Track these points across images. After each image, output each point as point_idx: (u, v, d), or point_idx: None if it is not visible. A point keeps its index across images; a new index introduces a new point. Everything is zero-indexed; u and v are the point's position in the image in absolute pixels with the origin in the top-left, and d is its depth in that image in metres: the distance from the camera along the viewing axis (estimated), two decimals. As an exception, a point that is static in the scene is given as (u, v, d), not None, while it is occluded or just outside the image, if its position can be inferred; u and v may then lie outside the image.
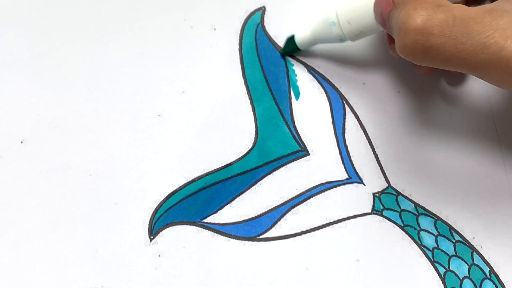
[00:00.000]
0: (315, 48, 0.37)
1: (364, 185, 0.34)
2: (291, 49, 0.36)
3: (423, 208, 0.33)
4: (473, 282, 0.32)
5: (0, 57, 0.36)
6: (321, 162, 0.34)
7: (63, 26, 0.37)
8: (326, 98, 0.36)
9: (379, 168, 0.34)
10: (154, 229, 0.33)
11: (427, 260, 0.32)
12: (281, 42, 0.37)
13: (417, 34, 0.25)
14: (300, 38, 0.35)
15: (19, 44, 0.36)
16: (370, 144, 0.35)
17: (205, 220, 0.33)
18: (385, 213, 0.33)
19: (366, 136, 0.35)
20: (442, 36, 0.25)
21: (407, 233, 0.33)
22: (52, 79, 0.36)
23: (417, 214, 0.33)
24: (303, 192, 0.34)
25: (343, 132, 0.35)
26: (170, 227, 0.33)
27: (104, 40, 0.37)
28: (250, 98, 0.36)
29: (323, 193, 0.34)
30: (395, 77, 0.37)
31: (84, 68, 0.36)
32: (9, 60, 0.36)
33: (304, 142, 0.35)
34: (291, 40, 0.36)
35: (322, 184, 0.34)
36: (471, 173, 0.34)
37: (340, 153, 0.34)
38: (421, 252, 0.32)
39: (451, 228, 0.33)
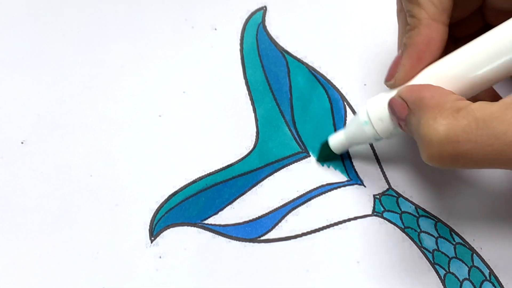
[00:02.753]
0: (315, 50, 0.37)
1: (365, 187, 0.34)
2: (326, 154, 0.34)
3: (424, 210, 0.33)
4: (473, 284, 0.32)
5: (0, 57, 0.36)
6: (322, 163, 0.34)
7: (63, 26, 0.37)
8: (327, 99, 0.36)
9: (379, 170, 0.34)
10: (155, 231, 0.33)
11: (427, 262, 0.32)
12: (282, 42, 0.37)
13: (442, 144, 0.25)
14: (335, 143, 0.33)
15: (19, 44, 0.36)
16: (370, 146, 0.35)
17: (206, 222, 0.33)
18: (385, 215, 0.33)
19: (367, 138, 0.35)
20: (468, 142, 0.24)
21: (407, 235, 0.33)
22: (52, 79, 0.36)
23: (417, 216, 0.33)
24: (303, 193, 0.34)
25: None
26: (171, 229, 0.33)
27: (104, 40, 0.37)
28: (251, 99, 0.36)
29: (323, 195, 0.34)
30: (396, 78, 0.37)
31: (84, 68, 0.36)
32: (9, 60, 0.36)
33: (305, 143, 0.35)
34: (325, 146, 0.33)
35: (322, 185, 0.34)
36: (472, 175, 0.34)
37: (341, 155, 0.34)
38: (421, 254, 0.32)
39: (451, 230, 0.33)
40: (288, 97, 0.36)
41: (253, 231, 0.33)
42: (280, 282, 0.32)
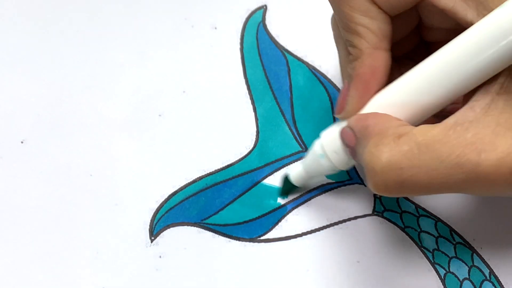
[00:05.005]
0: (315, 48, 0.36)
1: (365, 186, 0.34)
2: (289, 188, 0.33)
3: (424, 209, 0.33)
4: (473, 283, 0.32)
5: (0, 57, 0.36)
6: (322, 163, 0.34)
7: (63, 26, 0.37)
8: (327, 98, 0.36)
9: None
10: (155, 230, 0.33)
11: (428, 262, 0.32)
12: (282, 41, 0.37)
13: (385, 172, 0.24)
14: (295, 177, 0.32)
15: (19, 44, 0.36)
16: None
17: (206, 221, 0.33)
18: (386, 214, 0.33)
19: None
20: (411, 168, 0.24)
21: (407, 234, 0.33)
22: (52, 78, 0.36)
23: (417, 215, 0.33)
24: (304, 193, 0.34)
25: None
26: (171, 228, 0.33)
27: (104, 39, 0.37)
28: (251, 98, 0.36)
29: (324, 194, 0.34)
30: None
31: (84, 68, 0.36)
32: (9, 60, 0.36)
33: (305, 143, 0.35)
34: (286, 180, 0.33)
35: (323, 185, 0.34)
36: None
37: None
38: (421, 253, 0.32)
39: (451, 230, 0.33)
40: (289, 96, 0.36)
41: (253, 231, 0.33)
42: (280, 282, 0.32)
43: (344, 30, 0.28)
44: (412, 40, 0.31)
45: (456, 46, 0.25)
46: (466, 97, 0.26)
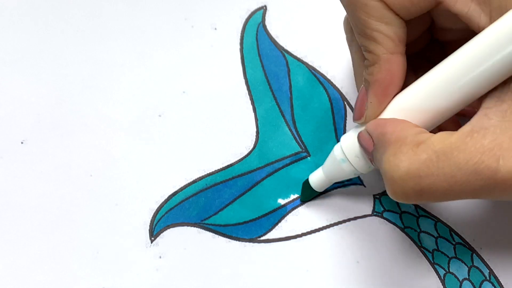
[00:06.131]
0: (315, 49, 0.36)
1: (365, 186, 0.34)
2: (309, 193, 0.33)
3: (424, 209, 0.33)
4: (472, 284, 0.32)
5: (0, 57, 0.36)
6: (322, 163, 0.34)
7: (63, 26, 0.37)
8: (327, 99, 0.36)
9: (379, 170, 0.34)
10: (155, 231, 0.33)
11: (427, 262, 0.32)
12: (282, 42, 0.37)
13: (404, 181, 0.24)
14: (315, 182, 0.32)
15: (19, 44, 0.36)
16: (371, 146, 0.35)
17: (206, 221, 0.33)
18: (385, 214, 0.33)
19: (367, 137, 0.35)
20: (430, 176, 0.24)
21: (407, 234, 0.33)
22: (52, 78, 0.36)
23: (417, 215, 0.33)
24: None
25: (344, 133, 0.35)
26: (171, 228, 0.33)
27: (104, 39, 0.37)
28: (251, 98, 0.36)
29: (323, 195, 0.34)
30: (397, 78, 0.37)
31: (84, 68, 0.36)
32: (9, 60, 0.36)
33: (305, 143, 0.35)
34: (307, 185, 0.33)
35: (322, 185, 0.34)
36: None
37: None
38: (421, 253, 0.32)
39: (451, 230, 0.33)
40: (288, 97, 0.36)
41: (253, 231, 0.33)
42: (280, 282, 0.32)
43: (359, 36, 0.28)
44: (424, 39, 0.31)
45: (470, 49, 0.25)
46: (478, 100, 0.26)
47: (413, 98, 0.27)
